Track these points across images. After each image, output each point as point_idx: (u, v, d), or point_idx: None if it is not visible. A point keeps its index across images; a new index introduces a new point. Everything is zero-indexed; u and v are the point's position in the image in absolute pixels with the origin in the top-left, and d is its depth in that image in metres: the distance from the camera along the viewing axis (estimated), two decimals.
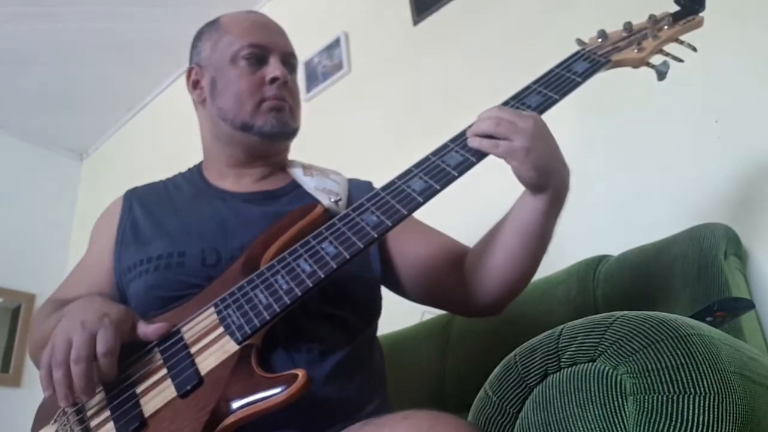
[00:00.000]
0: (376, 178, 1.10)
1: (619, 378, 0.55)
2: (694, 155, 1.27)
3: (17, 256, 2.93)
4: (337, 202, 0.98)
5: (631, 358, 0.55)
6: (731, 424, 0.50)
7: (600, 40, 0.94)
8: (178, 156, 1.43)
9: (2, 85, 2.86)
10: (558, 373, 0.59)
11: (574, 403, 0.56)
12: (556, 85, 0.87)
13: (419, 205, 0.81)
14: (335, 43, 2.22)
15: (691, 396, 0.51)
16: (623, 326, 0.57)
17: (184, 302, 0.87)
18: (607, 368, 0.56)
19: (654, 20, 0.94)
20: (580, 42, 0.95)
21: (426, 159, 0.85)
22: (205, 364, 0.77)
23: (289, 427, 0.78)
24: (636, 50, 0.92)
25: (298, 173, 1.06)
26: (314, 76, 2.25)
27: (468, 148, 0.83)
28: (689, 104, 1.30)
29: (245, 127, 1.01)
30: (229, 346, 0.77)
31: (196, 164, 1.13)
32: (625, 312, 0.60)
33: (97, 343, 0.76)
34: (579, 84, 0.87)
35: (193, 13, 2.53)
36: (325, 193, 1.00)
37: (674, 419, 0.51)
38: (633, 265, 1.09)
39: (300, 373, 0.72)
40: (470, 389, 0.73)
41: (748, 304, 0.83)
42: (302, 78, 2.20)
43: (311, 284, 0.78)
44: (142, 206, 1.04)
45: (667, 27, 0.94)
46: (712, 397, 0.51)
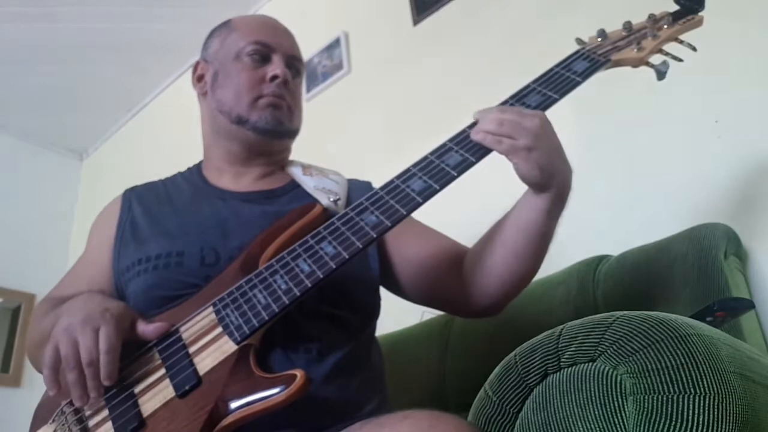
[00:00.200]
0: (376, 178, 1.10)
1: (619, 378, 0.55)
2: (694, 155, 1.27)
3: (17, 256, 2.94)
4: (336, 201, 0.97)
5: (631, 358, 0.55)
6: (731, 424, 0.50)
7: (600, 39, 0.94)
8: (178, 156, 1.43)
9: (2, 85, 2.86)
10: (558, 373, 0.59)
11: (574, 403, 0.56)
12: (555, 84, 0.87)
13: (418, 205, 0.80)
14: (335, 43, 2.22)
15: (691, 396, 0.51)
16: (623, 326, 0.57)
17: (182, 302, 0.87)
18: (607, 368, 0.56)
19: (654, 19, 0.94)
20: (579, 41, 0.95)
21: (425, 159, 0.84)
22: (204, 364, 0.76)
23: (288, 427, 0.78)
24: (636, 50, 0.92)
25: (297, 173, 1.06)
26: (314, 76, 2.25)
27: (467, 148, 0.82)
28: (689, 104, 1.30)
29: (240, 120, 1.02)
30: (228, 347, 0.77)
31: (196, 164, 1.13)
32: (625, 312, 0.60)
33: (99, 340, 0.75)
34: (579, 83, 0.87)
35: (193, 14, 2.54)
36: (324, 192, 1.00)
37: (674, 419, 0.51)
38: (633, 265, 1.09)
39: (299, 374, 0.71)
40: (470, 389, 0.73)
41: (748, 304, 0.83)
42: (302, 78, 2.20)
43: (310, 284, 0.78)
44: (141, 205, 1.04)
45: (666, 26, 0.93)
46: (712, 397, 0.51)
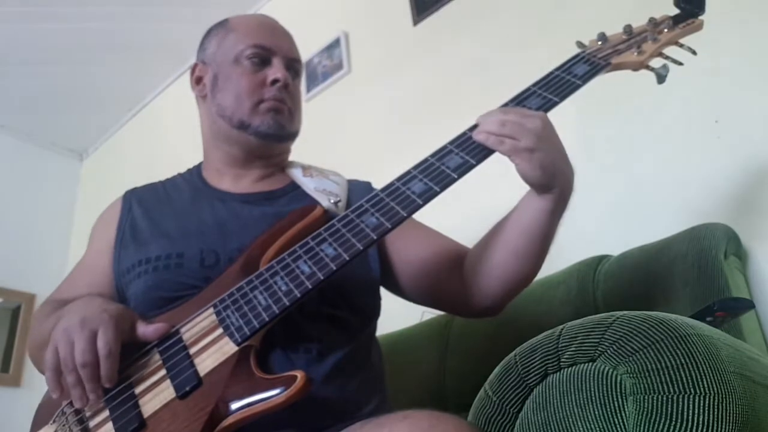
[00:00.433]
0: (376, 178, 1.10)
1: (619, 378, 0.55)
2: (694, 155, 1.27)
3: (17, 256, 2.94)
4: (336, 203, 0.97)
5: (631, 358, 0.55)
6: (731, 424, 0.51)
7: (600, 42, 0.94)
8: (177, 156, 1.43)
9: (2, 85, 2.86)
10: (558, 373, 0.59)
11: (574, 403, 0.56)
12: (556, 87, 0.87)
13: (419, 207, 0.80)
14: (335, 43, 2.22)
15: (691, 396, 0.51)
16: (623, 326, 0.57)
17: (182, 303, 0.87)
18: (607, 368, 0.56)
19: (654, 23, 0.94)
20: (580, 44, 0.95)
21: (425, 161, 0.84)
22: (204, 365, 0.77)
23: (288, 427, 0.78)
24: (636, 53, 0.92)
25: (297, 174, 1.06)
26: (314, 76, 2.25)
27: (468, 150, 0.83)
28: (689, 104, 1.30)
29: (242, 125, 1.01)
30: (228, 348, 0.77)
31: (196, 165, 1.13)
32: (625, 312, 0.60)
33: (98, 341, 0.76)
34: (579, 87, 0.87)
35: (193, 14, 2.54)
36: (324, 194, 1.00)
37: (674, 419, 0.51)
38: (633, 265, 1.09)
39: (299, 375, 0.71)
40: (470, 389, 0.73)
41: (748, 304, 0.83)
42: (302, 78, 2.20)
43: (310, 286, 0.78)
44: (141, 207, 1.04)
45: (667, 30, 0.93)
46: (712, 397, 0.51)
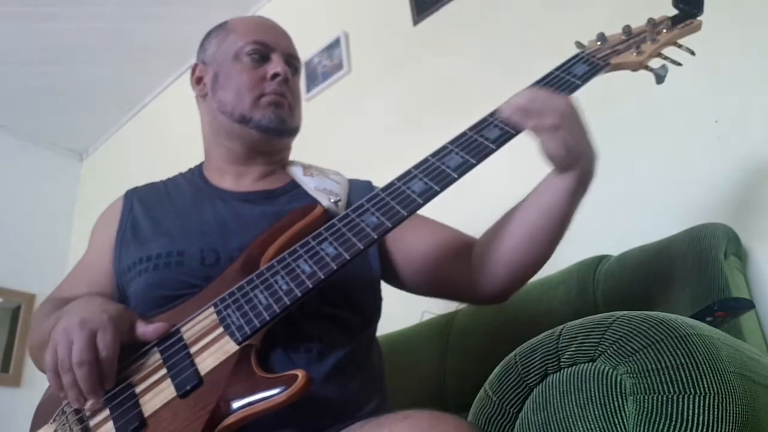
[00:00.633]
0: (376, 178, 1.10)
1: (619, 378, 0.55)
2: (694, 155, 1.27)
3: (17, 256, 2.94)
4: (336, 202, 0.98)
5: (631, 358, 0.55)
6: (731, 424, 0.51)
7: (599, 43, 0.94)
8: (178, 156, 1.43)
9: (2, 85, 2.86)
10: (558, 373, 0.59)
11: (574, 403, 0.56)
12: (556, 87, 0.87)
13: (419, 206, 0.81)
14: (335, 43, 2.22)
15: (691, 396, 0.51)
16: (623, 326, 0.57)
17: (183, 302, 0.87)
18: (607, 368, 0.56)
19: (653, 24, 0.94)
20: (579, 45, 0.95)
21: (426, 160, 0.85)
22: (205, 364, 0.77)
23: (288, 426, 0.78)
24: (635, 54, 0.92)
25: (297, 173, 1.06)
26: (314, 76, 2.25)
27: (468, 150, 0.83)
28: (689, 104, 1.30)
29: (243, 119, 1.02)
30: (229, 347, 0.77)
31: (197, 165, 1.13)
32: (625, 312, 0.60)
33: (97, 341, 0.76)
34: (578, 87, 0.87)
35: (193, 14, 2.54)
36: (324, 193, 1.00)
37: (674, 419, 0.51)
38: (633, 265, 1.09)
39: (300, 374, 0.71)
40: (470, 389, 0.73)
41: (748, 304, 0.83)
42: (302, 78, 2.20)
43: (311, 285, 0.78)
44: (142, 206, 1.05)
45: (665, 31, 0.93)
46: (712, 397, 0.51)
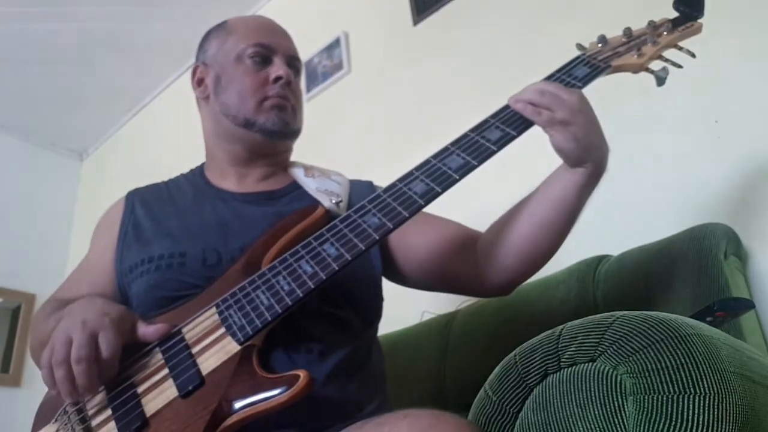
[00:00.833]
0: (376, 177, 1.10)
1: (619, 378, 0.55)
2: (694, 155, 1.28)
3: (17, 256, 2.94)
4: (338, 203, 0.98)
5: (631, 358, 0.55)
6: (731, 424, 0.51)
7: (600, 45, 0.94)
8: (177, 156, 1.43)
9: (2, 85, 2.86)
10: (558, 373, 0.60)
11: (574, 403, 0.56)
12: None
13: (420, 207, 0.81)
14: (335, 43, 2.22)
15: (691, 396, 0.52)
16: (623, 326, 0.58)
17: (184, 302, 0.87)
18: (607, 368, 0.56)
19: (653, 26, 0.94)
20: (580, 47, 0.95)
21: (427, 162, 0.85)
22: (207, 364, 0.77)
23: (289, 426, 0.78)
24: (636, 56, 0.92)
25: (299, 174, 1.06)
26: (314, 76, 2.25)
27: (469, 151, 0.83)
28: (689, 104, 1.30)
29: (247, 123, 1.02)
30: (231, 347, 0.77)
31: (198, 166, 1.13)
32: (625, 312, 0.60)
33: (99, 343, 0.76)
34: (580, 89, 0.88)
35: (193, 14, 2.54)
36: (326, 194, 1.00)
37: (674, 419, 0.51)
38: (633, 265, 1.09)
39: (302, 374, 0.72)
40: (470, 389, 0.73)
41: (748, 304, 0.83)
42: (302, 78, 2.20)
43: (313, 285, 0.79)
44: (144, 207, 1.05)
45: (666, 33, 0.94)
46: (712, 397, 0.51)
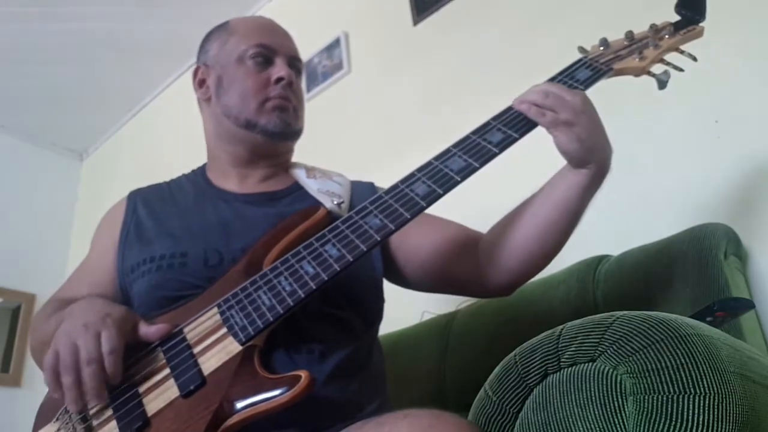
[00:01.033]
0: (376, 178, 1.10)
1: (619, 378, 0.55)
2: (694, 155, 1.28)
3: (17, 256, 2.93)
4: (339, 204, 0.98)
5: (631, 358, 0.55)
6: (731, 424, 0.51)
7: (602, 48, 0.94)
8: (177, 156, 1.43)
9: (2, 85, 2.86)
10: (558, 373, 0.60)
11: (574, 403, 0.56)
12: None
13: (422, 209, 0.81)
14: (335, 43, 2.22)
15: (691, 396, 0.52)
16: (623, 326, 0.58)
17: (186, 303, 0.87)
18: (607, 368, 0.56)
19: (655, 29, 0.94)
20: (582, 50, 0.95)
21: (428, 164, 0.85)
22: (208, 364, 0.77)
23: (290, 427, 0.78)
24: (637, 59, 0.92)
25: (300, 175, 1.06)
26: (314, 76, 2.25)
27: (471, 153, 0.83)
28: (689, 104, 1.30)
29: (249, 124, 1.02)
30: (232, 347, 0.78)
31: (200, 166, 1.13)
32: (625, 312, 0.60)
33: (102, 343, 0.76)
34: (582, 91, 0.88)
35: (193, 14, 2.54)
36: (327, 195, 1.00)
37: (674, 419, 0.51)
38: (633, 265, 1.09)
39: (303, 375, 0.72)
40: (470, 389, 0.73)
41: (748, 304, 0.83)
42: (302, 78, 2.20)
43: (314, 287, 0.79)
44: (146, 207, 1.05)
45: (668, 36, 0.94)
46: (712, 397, 0.51)
